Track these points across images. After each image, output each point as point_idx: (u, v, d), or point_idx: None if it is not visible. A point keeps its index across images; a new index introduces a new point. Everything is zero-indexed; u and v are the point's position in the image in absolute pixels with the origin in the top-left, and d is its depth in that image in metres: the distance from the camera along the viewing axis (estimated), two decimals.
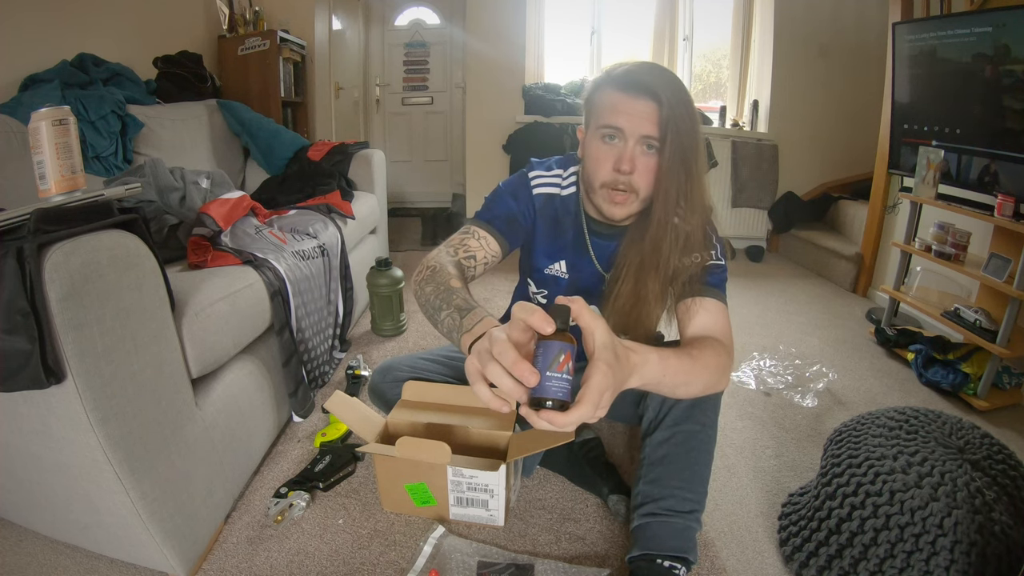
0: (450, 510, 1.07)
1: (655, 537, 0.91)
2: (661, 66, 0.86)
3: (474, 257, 0.92)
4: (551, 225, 1.02)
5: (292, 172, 2.22)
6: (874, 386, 1.74)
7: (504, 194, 1.01)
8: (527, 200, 1.01)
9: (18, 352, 0.68)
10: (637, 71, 0.83)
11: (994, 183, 1.67)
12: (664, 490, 0.93)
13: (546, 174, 1.02)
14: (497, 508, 1.04)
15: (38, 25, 1.78)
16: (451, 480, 1.02)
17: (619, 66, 0.86)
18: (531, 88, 3.23)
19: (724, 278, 0.93)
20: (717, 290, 0.90)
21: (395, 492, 1.07)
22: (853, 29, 3.20)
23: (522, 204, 1.01)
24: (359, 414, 1.12)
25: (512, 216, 0.99)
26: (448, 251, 0.90)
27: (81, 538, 0.99)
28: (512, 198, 1.00)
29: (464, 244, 0.92)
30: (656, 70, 0.84)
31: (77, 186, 0.80)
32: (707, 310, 0.87)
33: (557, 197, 1.02)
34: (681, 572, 0.90)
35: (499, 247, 0.96)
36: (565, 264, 1.04)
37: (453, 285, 0.78)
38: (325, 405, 1.11)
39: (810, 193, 3.45)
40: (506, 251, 0.98)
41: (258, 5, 2.76)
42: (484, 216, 0.99)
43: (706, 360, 0.79)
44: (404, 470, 1.04)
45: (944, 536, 0.83)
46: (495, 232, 0.95)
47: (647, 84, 0.81)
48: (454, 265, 0.86)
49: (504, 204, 1.00)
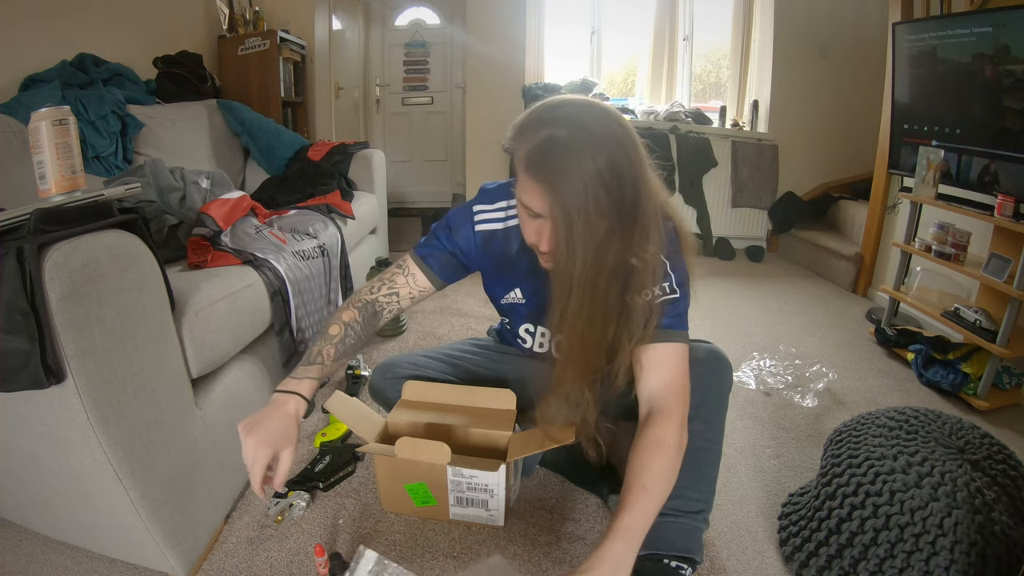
0: (450, 510, 1.07)
1: (662, 537, 0.91)
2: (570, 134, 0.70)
3: (397, 294, 0.99)
4: (498, 259, 0.99)
5: (292, 172, 2.22)
6: (874, 386, 1.74)
7: (444, 231, 0.99)
8: (468, 238, 0.98)
9: (18, 352, 0.68)
10: (542, 148, 0.71)
11: (994, 183, 1.67)
12: (672, 490, 0.93)
13: (488, 208, 0.98)
14: (497, 508, 1.04)
15: (38, 25, 1.78)
16: (451, 480, 1.02)
17: (533, 127, 0.74)
18: (531, 88, 3.23)
19: (680, 311, 0.87)
20: (672, 331, 0.86)
21: (395, 492, 1.07)
22: (853, 29, 3.20)
23: (462, 242, 0.98)
24: (359, 414, 1.12)
25: (449, 255, 0.99)
26: (375, 285, 0.99)
27: (81, 538, 0.99)
28: (451, 236, 0.98)
29: (392, 280, 0.99)
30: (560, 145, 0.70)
31: (77, 186, 0.80)
32: (659, 363, 0.85)
33: (500, 232, 0.97)
34: (687, 572, 0.90)
35: (429, 284, 1.00)
36: (521, 291, 1.03)
37: (330, 331, 0.91)
38: (325, 405, 1.11)
39: (810, 193, 3.46)
40: (439, 287, 1.01)
41: (258, 5, 2.76)
42: (421, 252, 1.00)
43: (659, 477, 0.78)
44: (404, 470, 1.03)
45: (944, 536, 0.83)
46: (427, 271, 0.99)
47: (544, 170, 0.72)
48: (360, 308, 0.95)
49: (442, 243, 0.99)
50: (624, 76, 4.01)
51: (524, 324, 1.10)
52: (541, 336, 1.10)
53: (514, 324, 1.12)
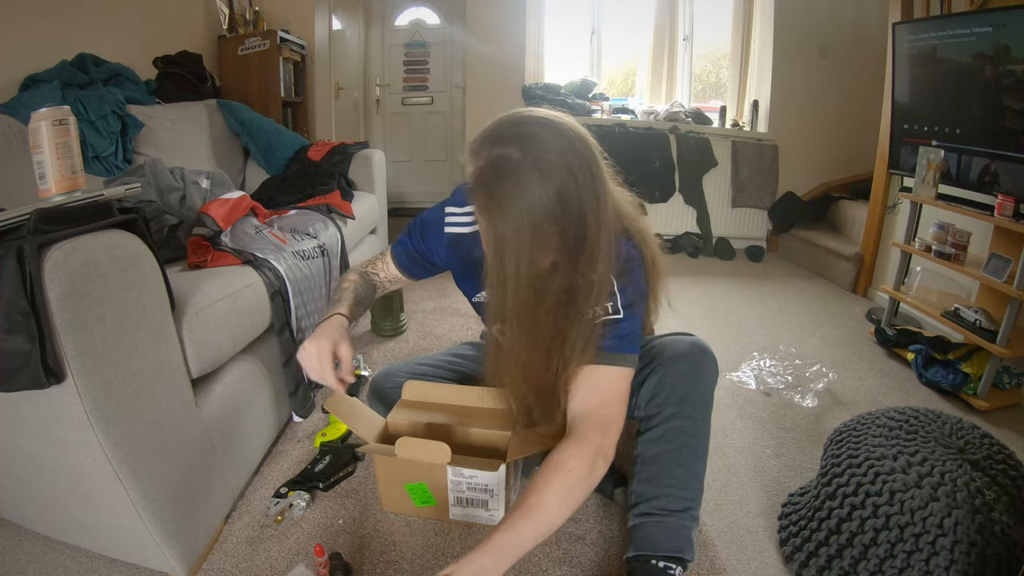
0: (450, 510, 1.07)
1: (649, 537, 0.91)
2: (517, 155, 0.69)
3: (378, 275, 1.10)
4: (465, 261, 1.01)
5: (292, 172, 2.22)
6: (874, 386, 1.74)
7: (416, 231, 1.04)
8: (437, 239, 1.02)
9: (18, 352, 0.68)
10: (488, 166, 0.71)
11: (994, 183, 1.67)
12: (657, 489, 0.92)
13: (458, 211, 1.00)
14: (497, 508, 1.04)
15: (38, 25, 1.78)
16: (451, 480, 1.02)
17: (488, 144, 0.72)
18: (531, 88, 3.23)
19: (623, 334, 0.84)
20: (612, 354, 0.83)
21: (395, 492, 1.07)
22: (853, 29, 3.20)
23: (431, 243, 1.03)
24: (359, 414, 1.12)
25: (418, 254, 1.05)
26: (363, 263, 1.11)
27: (81, 538, 0.99)
28: (422, 236, 1.04)
29: (374, 263, 1.10)
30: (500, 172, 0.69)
31: (77, 186, 0.80)
32: (587, 386, 0.83)
33: (468, 236, 0.98)
34: (676, 571, 0.90)
35: (402, 276, 1.09)
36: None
37: (343, 285, 1.03)
38: (325, 405, 1.11)
39: (810, 193, 3.46)
40: (411, 280, 1.10)
41: (258, 5, 2.76)
42: (395, 248, 1.08)
43: (549, 502, 0.75)
44: (404, 470, 1.03)
45: (944, 536, 0.83)
46: (399, 266, 1.08)
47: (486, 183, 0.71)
48: (359, 274, 1.07)
49: (411, 242, 1.05)
50: (624, 76, 4.01)
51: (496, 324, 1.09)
52: None
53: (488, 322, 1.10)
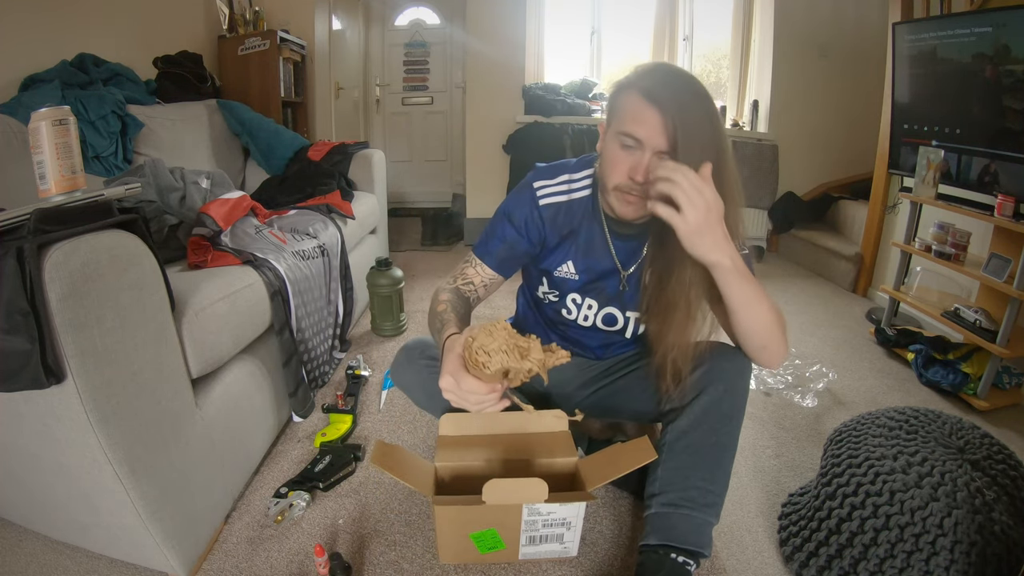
0: (520, 551, 0.98)
1: (674, 529, 0.91)
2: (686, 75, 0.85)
3: (472, 283, 1.05)
4: (562, 231, 1.03)
5: (292, 172, 2.22)
6: (874, 386, 1.74)
7: (502, 221, 1.03)
8: (530, 216, 1.02)
9: (18, 352, 0.68)
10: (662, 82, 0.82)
11: (994, 183, 1.67)
12: (687, 481, 0.92)
13: (551, 183, 1.02)
14: (573, 540, 0.98)
15: (38, 25, 1.78)
16: (525, 520, 0.93)
17: (646, 71, 0.85)
18: (531, 88, 3.23)
19: (751, 266, 0.94)
20: None
21: (458, 543, 0.96)
22: (853, 29, 3.20)
23: (523, 223, 1.02)
24: (409, 464, 0.98)
25: (509, 246, 1.03)
26: (450, 279, 1.06)
27: (81, 538, 0.99)
28: (510, 223, 1.03)
29: (463, 273, 1.06)
30: (678, 82, 0.83)
31: (77, 186, 0.80)
32: None
33: (565, 204, 1.02)
34: (693, 567, 0.90)
35: (496, 276, 1.06)
36: (573, 265, 1.04)
37: (438, 308, 0.96)
38: (371, 460, 0.93)
39: (810, 193, 3.45)
40: (503, 278, 1.07)
41: (258, 5, 2.76)
42: (479, 251, 1.06)
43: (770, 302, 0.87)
44: (473, 517, 0.92)
45: (944, 536, 0.83)
46: (491, 265, 1.05)
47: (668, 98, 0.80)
48: (450, 291, 1.01)
49: (500, 235, 1.03)
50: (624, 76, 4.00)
51: (571, 295, 1.09)
52: (588, 308, 1.09)
53: (562, 295, 1.10)
